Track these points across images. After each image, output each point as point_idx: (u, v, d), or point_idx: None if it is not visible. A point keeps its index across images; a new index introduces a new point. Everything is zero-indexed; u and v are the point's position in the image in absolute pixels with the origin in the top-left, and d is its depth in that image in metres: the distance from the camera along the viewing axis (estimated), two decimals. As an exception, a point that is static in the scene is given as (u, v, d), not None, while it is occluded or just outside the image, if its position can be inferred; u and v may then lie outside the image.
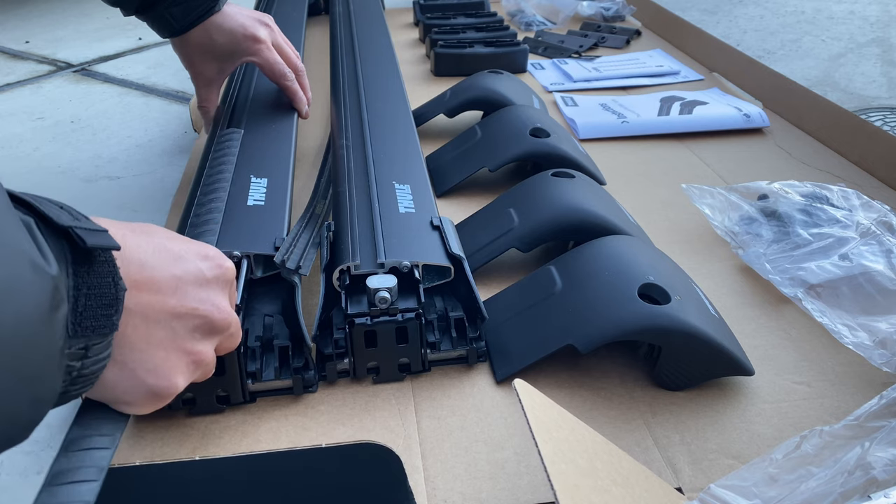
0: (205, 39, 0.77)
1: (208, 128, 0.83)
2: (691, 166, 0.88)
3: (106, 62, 1.42)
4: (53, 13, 1.78)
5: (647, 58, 1.26)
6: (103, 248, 0.33)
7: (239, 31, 0.78)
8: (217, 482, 0.49)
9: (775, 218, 0.68)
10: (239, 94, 0.86)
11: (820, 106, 0.95)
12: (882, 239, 0.61)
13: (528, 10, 1.50)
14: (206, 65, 0.80)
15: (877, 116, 1.11)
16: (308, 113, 0.84)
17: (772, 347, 0.57)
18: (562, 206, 0.65)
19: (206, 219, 0.58)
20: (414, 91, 1.10)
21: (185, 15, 0.75)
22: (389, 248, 0.56)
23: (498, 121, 0.84)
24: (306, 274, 0.55)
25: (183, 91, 1.24)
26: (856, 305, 0.58)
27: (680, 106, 1.01)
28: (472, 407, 0.52)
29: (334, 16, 1.24)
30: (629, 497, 0.38)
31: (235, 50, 0.79)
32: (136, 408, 0.40)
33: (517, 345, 0.55)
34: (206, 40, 0.77)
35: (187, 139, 1.04)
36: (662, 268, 0.57)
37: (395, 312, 0.52)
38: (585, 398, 0.53)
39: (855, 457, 0.40)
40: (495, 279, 0.66)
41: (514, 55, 1.19)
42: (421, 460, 0.48)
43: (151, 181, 0.92)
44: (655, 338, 0.51)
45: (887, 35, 1.51)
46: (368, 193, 0.64)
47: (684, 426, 0.50)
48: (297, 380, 0.52)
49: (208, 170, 0.66)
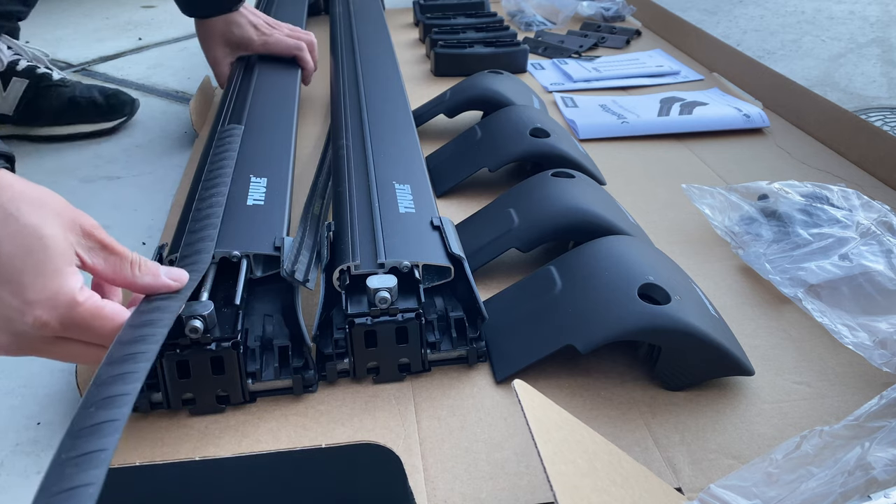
0: (221, 27, 0.95)
1: (223, 85, 0.98)
2: (691, 166, 0.88)
3: (106, 62, 1.42)
4: (53, 13, 1.78)
5: (647, 58, 1.26)
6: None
7: (252, 30, 0.97)
8: (217, 482, 0.49)
9: (775, 218, 0.68)
10: (239, 90, 0.86)
11: (820, 106, 0.95)
12: (882, 239, 0.61)
13: (528, 10, 1.50)
14: (220, 49, 0.97)
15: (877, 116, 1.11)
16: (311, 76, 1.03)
17: (772, 347, 0.57)
18: (562, 206, 0.65)
19: (205, 218, 0.58)
20: (414, 91, 1.10)
21: (209, 5, 0.94)
22: (389, 248, 0.56)
23: (498, 121, 0.84)
24: (312, 289, 0.55)
25: (183, 91, 1.24)
26: (856, 305, 0.58)
27: (680, 106, 1.01)
28: (472, 407, 0.52)
29: (334, 16, 1.24)
30: (629, 497, 0.38)
31: (249, 43, 0.97)
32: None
33: (517, 345, 0.55)
34: (226, 30, 0.96)
35: (187, 139, 1.04)
36: (662, 268, 0.57)
37: (395, 312, 0.52)
38: (585, 398, 0.53)
39: (855, 457, 0.40)
40: (495, 279, 0.66)
41: (514, 55, 1.19)
42: (421, 460, 0.48)
43: (151, 181, 0.92)
44: (655, 338, 0.51)
45: (887, 35, 1.51)
46: (368, 193, 0.64)
47: (684, 426, 0.50)
48: (297, 380, 0.52)
49: (208, 168, 0.66)
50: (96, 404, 0.34)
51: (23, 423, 0.54)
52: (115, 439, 0.32)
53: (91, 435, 0.32)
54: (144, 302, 0.46)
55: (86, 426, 0.33)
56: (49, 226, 0.40)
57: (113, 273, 0.44)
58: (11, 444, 0.53)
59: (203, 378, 0.50)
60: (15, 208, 0.40)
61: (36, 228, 0.40)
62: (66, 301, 0.40)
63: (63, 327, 0.41)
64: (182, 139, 1.04)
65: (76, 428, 0.33)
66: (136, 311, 0.44)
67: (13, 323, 0.40)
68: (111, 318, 0.42)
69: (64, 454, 0.31)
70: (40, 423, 0.54)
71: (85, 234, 0.43)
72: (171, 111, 1.15)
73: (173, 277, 0.47)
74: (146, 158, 0.98)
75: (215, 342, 0.49)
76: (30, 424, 0.54)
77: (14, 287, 0.39)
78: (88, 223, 0.43)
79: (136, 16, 1.76)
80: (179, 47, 1.50)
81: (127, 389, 0.36)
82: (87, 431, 0.33)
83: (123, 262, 0.44)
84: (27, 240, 0.39)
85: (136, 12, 1.79)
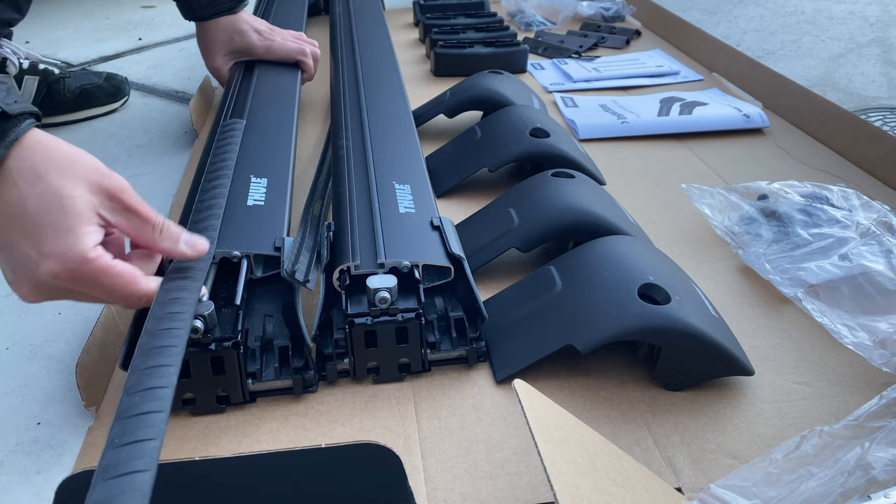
0: (224, 37, 0.95)
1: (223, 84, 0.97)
2: (691, 166, 0.88)
3: (106, 62, 1.42)
4: (53, 13, 1.78)
5: (647, 58, 1.26)
6: None
7: (255, 35, 0.96)
8: (217, 482, 0.49)
9: (775, 218, 0.68)
10: (240, 91, 0.86)
11: (820, 106, 0.95)
12: (882, 239, 0.61)
13: (528, 11, 1.50)
14: (221, 58, 0.96)
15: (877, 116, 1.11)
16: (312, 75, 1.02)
17: (772, 347, 0.57)
18: (562, 206, 0.65)
19: (206, 217, 0.58)
20: (414, 91, 1.10)
21: (210, 5, 0.92)
22: (389, 248, 0.56)
23: (498, 121, 0.84)
24: (312, 289, 0.55)
25: (183, 91, 1.24)
26: (856, 305, 0.58)
27: (680, 106, 1.01)
28: (472, 407, 0.52)
29: (334, 16, 1.24)
30: (629, 497, 0.38)
31: (251, 49, 0.96)
32: None
33: (517, 345, 0.55)
34: (226, 38, 0.95)
35: (187, 139, 1.04)
36: (662, 268, 0.57)
37: (395, 312, 0.52)
38: (585, 398, 0.53)
39: (855, 457, 0.40)
40: (495, 279, 0.66)
41: (514, 55, 1.19)
42: (421, 460, 0.48)
43: (151, 181, 0.92)
44: (655, 338, 0.51)
45: (887, 35, 1.51)
46: (368, 193, 0.64)
47: (684, 426, 0.50)
48: (297, 380, 0.52)
49: (210, 161, 0.66)
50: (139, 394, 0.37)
51: (23, 423, 0.54)
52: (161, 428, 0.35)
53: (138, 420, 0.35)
54: (162, 290, 0.46)
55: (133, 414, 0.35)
56: (71, 188, 0.44)
57: (135, 233, 0.47)
58: (11, 444, 0.53)
59: (203, 378, 0.50)
60: (44, 170, 0.44)
61: (58, 189, 0.43)
62: (75, 257, 0.43)
63: (72, 280, 0.44)
64: (182, 139, 1.04)
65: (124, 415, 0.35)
66: (155, 302, 0.46)
67: (32, 273, 0.44)
68: (120, 276, 0.45)
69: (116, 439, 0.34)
70: (40, 423, 0.54)
71: (110, 195, 0.46)
72: (171, 111, 1.15)
73: (192, 244, 0.49)
74: (146, 158, 0.98)
75: (215, 342, 0.49)
76: (30, 424, 0.54)
77: (34, 241, 0.43)
78: (115, 185, 0.46)
79: (136, 16, 1.76)
80: (179, 47, 1.50)
81: (163, 382, 0.38)
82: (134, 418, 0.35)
83: (146, 224, 0.47)
84: (49, 199, 0.43)
85: (136, 12, 1.79)
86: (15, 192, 0.43)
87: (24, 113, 0.44)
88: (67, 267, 0.43)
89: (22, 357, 0.62)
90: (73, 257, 0.43)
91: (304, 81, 1.00)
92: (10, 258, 0.45)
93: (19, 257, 0.44)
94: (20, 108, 0.44)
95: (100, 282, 0.45)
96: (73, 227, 0.43)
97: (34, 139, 0.45)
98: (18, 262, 0.44)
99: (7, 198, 0.43)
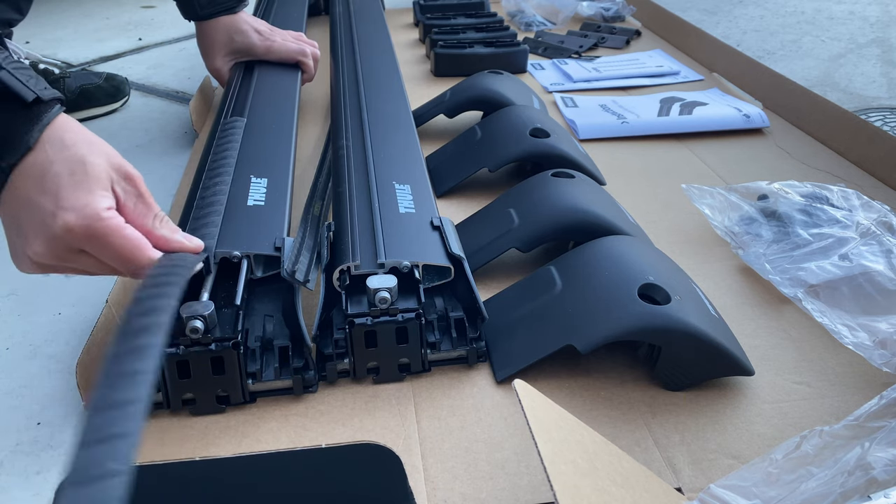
0: (224, 38, 0.95)
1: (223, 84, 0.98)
2: (691, 166, 0.88)
3: (106, 62, 1.42)
4: (53, 13, 1.78)
5: (646, 58, 1.26)
6: None
7: (255, 35, 0.96)
8: (217, 482, 0.49)
9: (775, 218, 0.68)
10: (240, 91, 0.86)
11: (820, 106, 0.95)
12: (882, 239, 0.61)
13: (528, 11, 1.50)
14: (221, 59, 0.96)
15: (877, 116, 1.11)
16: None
17: (772, 347, 0.57)
18: (562, 206, 0.65)
19: (206, 219, 0.58)
20: (414, 91, 1.10)
21: (210, 4, 0.93)
22: (389, 249, 0.56)
23: (498, 121, 0.84)
24: (312, 289, 0.55)
25: (183, 91, 1.24)
26: (856, 305, 0.58)
27: (680, 106, 1.01)
28: (472, 407, 0.52)
29: (334, 16, 1.24)
30: (629, 497, 0.38)
31: (252, 49, 0.96)
32: None
33: (517, 345, 0.55)
34: (226, 38, 0.95)
35: (187, 139, 1.04)
36: (662, 268, 0.57)
37: (395, 312, 0.52)
38: (585, 398, 0.53)
39: (855, 457, 0.40)
40: (495, 279, 0.66)
41: (514, 55, 1.19)
42: (421, 460, 0.48)
43: (151, 181, 0.92)
44: (655, 338, 0.51)
45: (887, 35, 1.51)
46: (368, 193, 0.64)
47: (684, 426, 0.50)
48: (297, 380, 0.52)
49: (211, 159, 0.66)
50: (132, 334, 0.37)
51: (23, 423, 0.54)
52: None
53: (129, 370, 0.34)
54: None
55: None
56: (94, 157, 0.48)
57: (138, 217, 0.50)
58: (11, 444, 0.53)
59: (203, 378, 0.50)
60: (72, 142, 0.48)
61: (83, 156, 0.47)
62: (91, 213, 0.46)
63: (85, 236, 0.46)
64: (182, 139, 1.04)
65: None
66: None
67: (47, 227, 0.46)
68: (129, 239, 0.47)
69: None
70: (40, 423, 0.54)
71: (126, 176, 0.49)
72: (171, 111, 1.15)
73: (189, 238, 0.52)
74: (146, 158, 0.98)
75: (216, 342, 0.49)
76: (30, 424, 0.54)
77: (52, 197, 0.46)
78: (132, 171, 0.50)
79: (136, 16, 1.76)
80: (179, 47, 1.50)
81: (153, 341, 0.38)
82: None
83: (149, 211, 0.50)
84: (72, 163, 0.47)
85: (136, 12, 1.79)
86: (42, 157, 0.46)
87: (55, 98, 0.48)
88: (83, 222, 0.45)
89: (22, 357, 0.62)
90: (89, 213, 0.45)
91: (304, 82, 0.99)
92: (22, 218, 0.47)
93: (36, 213, 0.46)
94: (51, 95, 0.48)
95: (110, 240, 0.46)
96: (92, 187, 0.46)
97: (63, 120, 0.48)
98: (34, 218, 0.46)
99: (34, 161, 0.46)
